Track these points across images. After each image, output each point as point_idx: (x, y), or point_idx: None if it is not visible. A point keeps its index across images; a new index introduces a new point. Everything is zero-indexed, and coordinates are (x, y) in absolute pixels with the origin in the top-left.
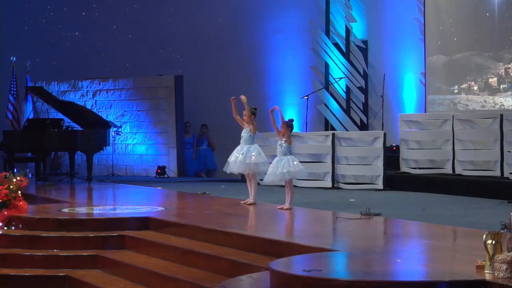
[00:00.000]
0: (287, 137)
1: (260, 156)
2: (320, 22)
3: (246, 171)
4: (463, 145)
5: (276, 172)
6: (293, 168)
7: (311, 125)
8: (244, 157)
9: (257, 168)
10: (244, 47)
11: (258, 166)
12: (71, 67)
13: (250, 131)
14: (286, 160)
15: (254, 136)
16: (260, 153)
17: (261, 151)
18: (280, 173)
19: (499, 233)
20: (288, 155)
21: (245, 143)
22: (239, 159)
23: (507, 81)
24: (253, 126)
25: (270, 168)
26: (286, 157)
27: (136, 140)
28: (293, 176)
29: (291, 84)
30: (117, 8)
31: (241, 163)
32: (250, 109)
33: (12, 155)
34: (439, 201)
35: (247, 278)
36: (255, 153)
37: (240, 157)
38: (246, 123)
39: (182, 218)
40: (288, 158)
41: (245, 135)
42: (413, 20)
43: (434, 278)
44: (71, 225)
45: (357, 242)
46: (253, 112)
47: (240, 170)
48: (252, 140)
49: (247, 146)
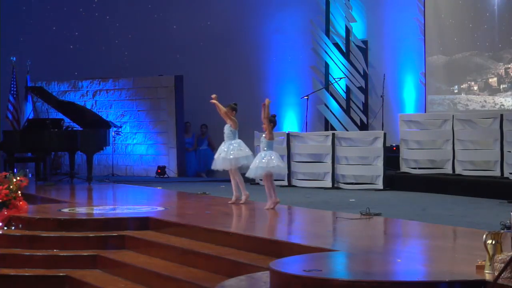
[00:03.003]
0: (268, 133)
1: (241, 150)
2: (320, 22)
3: (229, 166)
4: (463, 145)
5: (253, 167)
6: (266, 164)
7: (311, 125)
8: (225, 153)
9: (238, 162)
10: (244, 47)
11: (239, 161)
12: (71, 67)
13: (231, 126)
14: (264, 155)
15: (236, 131)
16: (241, 148)
17: (243, 145)
18: (255, 168)
19: (499, 233)
20: (268, 150)
21: (228, 139)
22: (222, 156)
23: (507, 81)
24: (233, 122)
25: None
26: (266, 152)
27: (136, 140)
28: (267, 171)
29: (291, 84)
30: (117, 8)
31: (224, 159)
32: (231, 105)
33: (12, 155)
34: (439, 201)
35: (247, 278)
36: (236, 148)
37: (222, 154)
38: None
39: (182, 218)
40: (266, 153)
41: (226, 131)
42: (413, 20)
43: (434, 278)
44: (71, 225)
45: (357, 242)
46: (234, 108)
47: (224, 166)
48: (234, 136)
49: (229, 142)
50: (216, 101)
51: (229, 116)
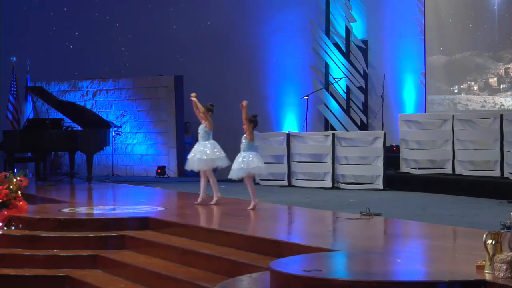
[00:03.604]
0: (249, 133)
1: (216, 151)
2: (320, 22)
3: (204, 167)
4: (463, 145)
5: (234, 168)
6: (246, 165)
7: (311, 125)
8: (201, 154)
9: (214, 163)
10: (244, 47)
11: (214, 162)
12: (71, 67)
13: (206, 127)
14: (244, 157)
15: (210, 132)
16: (215, 149)
17: (217, 146)
18: (236, 169)
19: (499, 233)
20: (249, 151)
21: (202, 139)
22: (197, 157)
23: (507, 81)
24: (209, 122)
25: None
26: (246, 153)
27: (136, 140)
28: (247, 173)
29: (291, 84)
30: (117, 8)
31: (199, 160)
32: (207, 106)
33: (12, 155)
34: (439, 201)
35: (247, 278)
36: (210, 149)
37: (197, 155)
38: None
39: (182, 218)
40: (246, 154)
41: (201, 131)
42: (413, 20)
43: (434, 278)
44: (71, 225)
45: (357, 242)
46: (210, 108)
47: (199, 167)
48: (208, 136)
49: (203, 143)
50: (195, 99)
51: (205, 117)
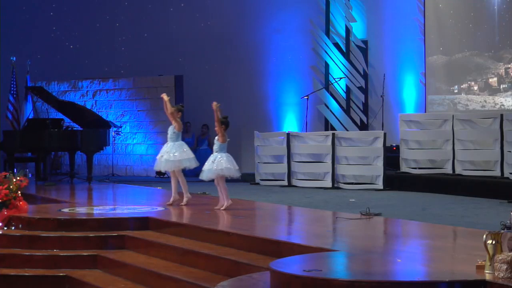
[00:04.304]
0: (221, 135)
1: (184, 152)
2: (320, 22)
3: (171, 168)
4: (463, 145)
5: (205, 169)
6: (216, 166)
7: (311, 125)
8: (168, 155)
9: (181, 164)
10: (244, 47)
11: (182, 163)
12: (71, 67)
13: (175, 128)
14: (215, 158)
15: (179, 133)
16: (183, 150)
17: (185, 147)
18: (207, 170)
19: (499, 233)
20: (220, 152)
21: (171, 140)
22: (165, 157)
23: (507, 81)
24: (178, 123)
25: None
26: (218, 154)
27: (136, 140)
28: (217, 174)
29: (291, 84)
30: (117, 8)
31: (166, 161)
32: (177, 107)
33: (12, 155)
34: (439, 201)
35: (247, 278)
36: (179, 150)
37: (165, 155)
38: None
39: (182, 218)
40: (217, 156)
41: (170, 132)
42: (413, 20)
43: (434, 278)
44: (71, 225)
45: (357, 242)
46: (180, 109)
47: (167, 168)
48: (177, 137)
49: (172, 143)
50: (166, 99)
51: (174, 117)
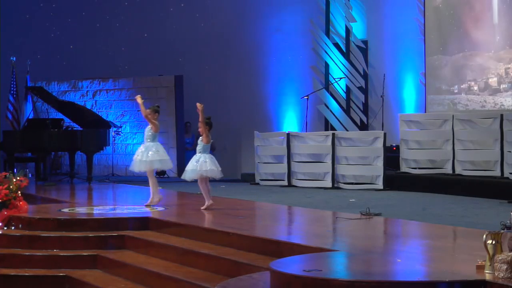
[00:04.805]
0: (205, 136)
1: (158, 153)
2: (320, 22)
3: (144, 169)
4: (463, 145)
5: (187, 169)
6: (199, 167)
7: (311, 125)
8: (142, 155)
9: (152, 165)
10: (244, 47)
11: (153, 164)
12: (71, 67)
13: (152, 129)
14: (198, 159)
15: (156, 134)
16: (158, 151)
17: (160, 149)
18: (189, 170)
19: (499, 233)
20: (204, 153)
21: (147, 141)
22: (139, 158)
23: (507, 81)
24: (155, 125)
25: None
26: (201, 155)
27: (136, 140)
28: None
29: (291, 84)
30: (117, 8)
31: (140, 162)
32: (153, 108)
33: (12, 155)
34: (439, 201)
35: (247, 278)
36: (153, 151)
37: (139, 156)
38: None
39: (182, 218)
40: (200, 157)
41: (146, 133)
42: (413, 20)
43: (434, 278)
44: (71, 225)
45: (357, 242)
46: (156, 110)
47: (140, 168)
48: (153, 138)
49: (148, 144)
50: (140, 101)
51: (149, 119)
